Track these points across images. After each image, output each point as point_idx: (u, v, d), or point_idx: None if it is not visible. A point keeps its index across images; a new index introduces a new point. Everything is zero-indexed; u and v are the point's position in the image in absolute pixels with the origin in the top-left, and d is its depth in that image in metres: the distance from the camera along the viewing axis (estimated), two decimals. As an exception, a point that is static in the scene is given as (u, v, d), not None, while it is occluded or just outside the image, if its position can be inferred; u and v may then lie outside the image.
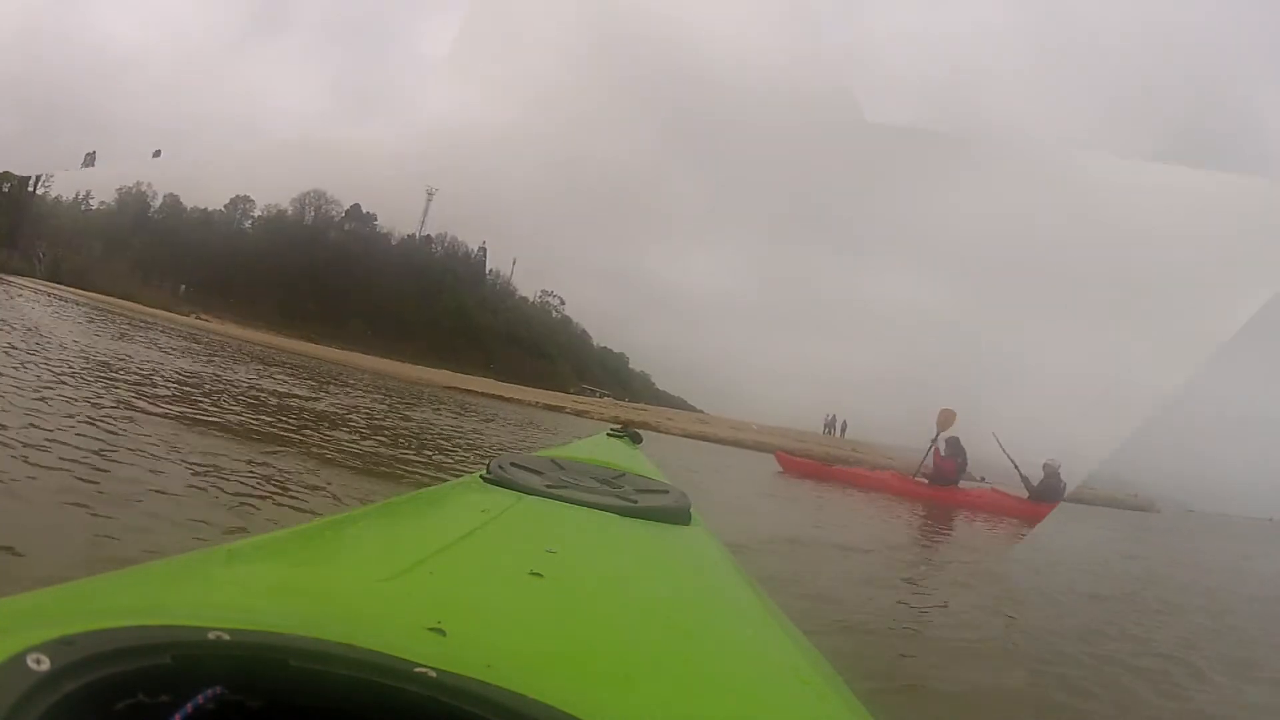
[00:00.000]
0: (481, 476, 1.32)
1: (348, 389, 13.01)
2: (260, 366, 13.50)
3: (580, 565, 0.87)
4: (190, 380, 7.69)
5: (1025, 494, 10.77)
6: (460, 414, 12.93)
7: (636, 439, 2.97)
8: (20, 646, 0.36)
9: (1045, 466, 10.84)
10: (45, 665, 0.36)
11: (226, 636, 0.42)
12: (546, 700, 0.43)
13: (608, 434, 3.05)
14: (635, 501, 1.27)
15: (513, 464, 1.41)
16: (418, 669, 0.43)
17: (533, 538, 0.97)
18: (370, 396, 12.32)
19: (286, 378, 11.95)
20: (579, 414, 30.27)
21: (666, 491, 1.47)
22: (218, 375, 9.22)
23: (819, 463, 12.96)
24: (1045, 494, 10.51)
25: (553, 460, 1.61)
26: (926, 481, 10.99)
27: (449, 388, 32.33)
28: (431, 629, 0.53)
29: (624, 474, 1.65)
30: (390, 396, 13.92)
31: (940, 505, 10.11)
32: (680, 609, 0.82)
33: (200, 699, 0.39)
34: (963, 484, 11.16)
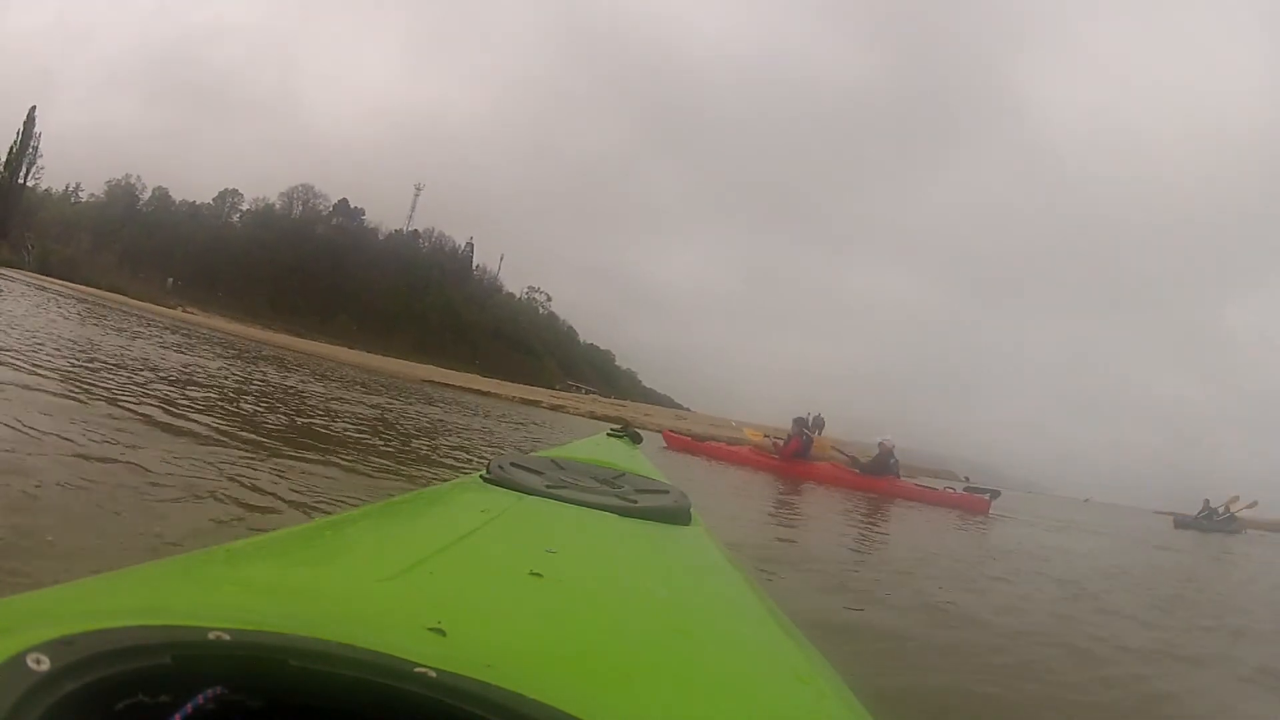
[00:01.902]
0: (481, 476, 1.32)
1: (306, 377, 12.80)
2: (236, 363, 13.11)
3: (580, 565, 0.87)
4: (171, 374, 7.59)
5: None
6: (429, 405, 13.04)
7: (636, 439, 3.01)
8: (20, 646, 0.36)
9: (880, 445, 12.32)
10: (45, 665, 0.35)
11: (226, 637, 0.42)
12: (546, 700, 0.43)
13: (608, 434, 3.08)
14: (635, 502, 1.28)
15: (513, 464, 1.42)
16: (418, 669, 0.43)
17: (533, 538, 0.97)
18: (323, 384, 12.10)
19: (256, 372, 11.63)
20: (555, 409, 30.25)
21: (666, 492, 1.47)
22: (194, 369, 9.10)
23: (692, 439, 15.18)
24: (874, 469, 12.09)
25: (552, 460, 1.61)
26: (777, 456, 12.73)
27: (426, 381, 32.28)
28: (431, 629, 0.53)
29: (624, 474, 1.67)
30: (344, 385, 13.76)
31: (779, 473, 11.80)
32: (680, 609, 0.82)
33: (200, 699, 0.39)
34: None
